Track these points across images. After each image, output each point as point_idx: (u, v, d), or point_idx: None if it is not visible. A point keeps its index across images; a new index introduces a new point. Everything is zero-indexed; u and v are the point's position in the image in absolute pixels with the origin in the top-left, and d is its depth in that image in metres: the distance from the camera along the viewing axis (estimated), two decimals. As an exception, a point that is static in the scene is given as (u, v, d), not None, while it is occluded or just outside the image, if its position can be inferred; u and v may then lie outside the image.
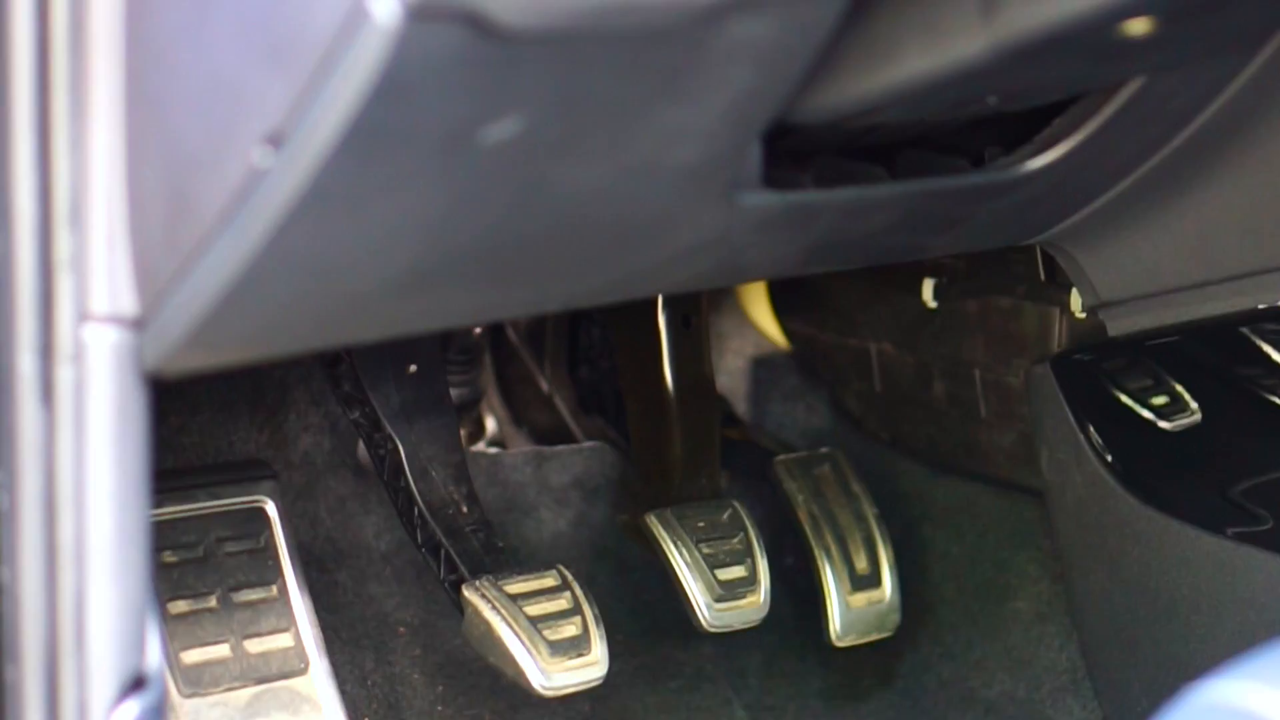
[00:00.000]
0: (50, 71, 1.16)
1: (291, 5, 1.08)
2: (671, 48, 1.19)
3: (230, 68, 1.11)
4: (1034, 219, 1.73)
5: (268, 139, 1.11)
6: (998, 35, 1.25)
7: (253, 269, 1.17)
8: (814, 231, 1.51)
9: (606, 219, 1.35)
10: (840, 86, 1.35)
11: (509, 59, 1.11)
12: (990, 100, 1.47)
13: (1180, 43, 1.41)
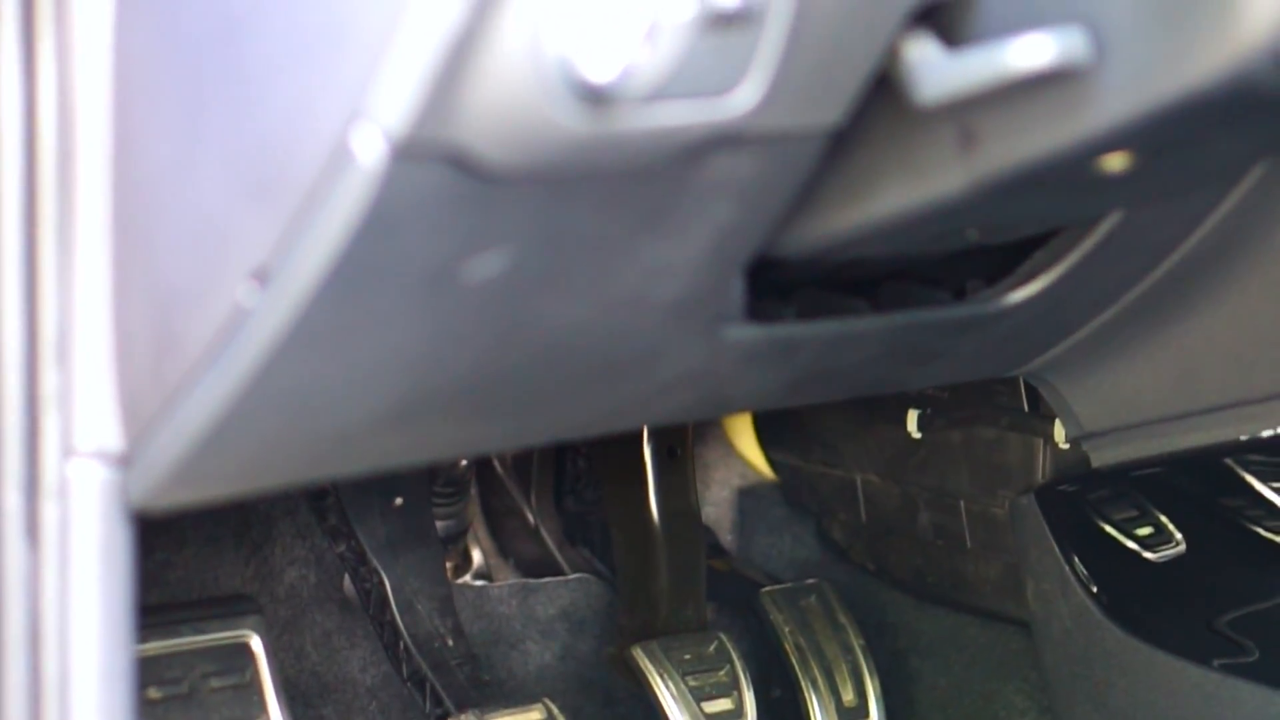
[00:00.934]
0: (38, 209, 1.17)
1: (277, 144, 1.09)
2: (654, 185, 1.20)
3: (216, 205, 1.12)
4: (1016, 351, 1.74)
5: (253, 276, 1.12)
6: (976, 171, 1.26)
7: (238, 405, 1.17)
8: (797, 364, 1.52)
9: (591, 353, 1.36)
10: (821, 221, 1.36)
11: (492, 197, 1.13)
12: (970, 234, 1.48)
13: (1158, 178, 1.42)
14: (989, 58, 1.20)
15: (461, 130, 1.06)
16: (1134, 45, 1.17)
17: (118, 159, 1.16)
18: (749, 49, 1.13)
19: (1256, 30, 1.12)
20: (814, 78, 1.19)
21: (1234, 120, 1.24)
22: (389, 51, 1.03)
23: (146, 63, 1.14)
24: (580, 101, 1.07)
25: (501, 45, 1.04)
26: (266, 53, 1.08)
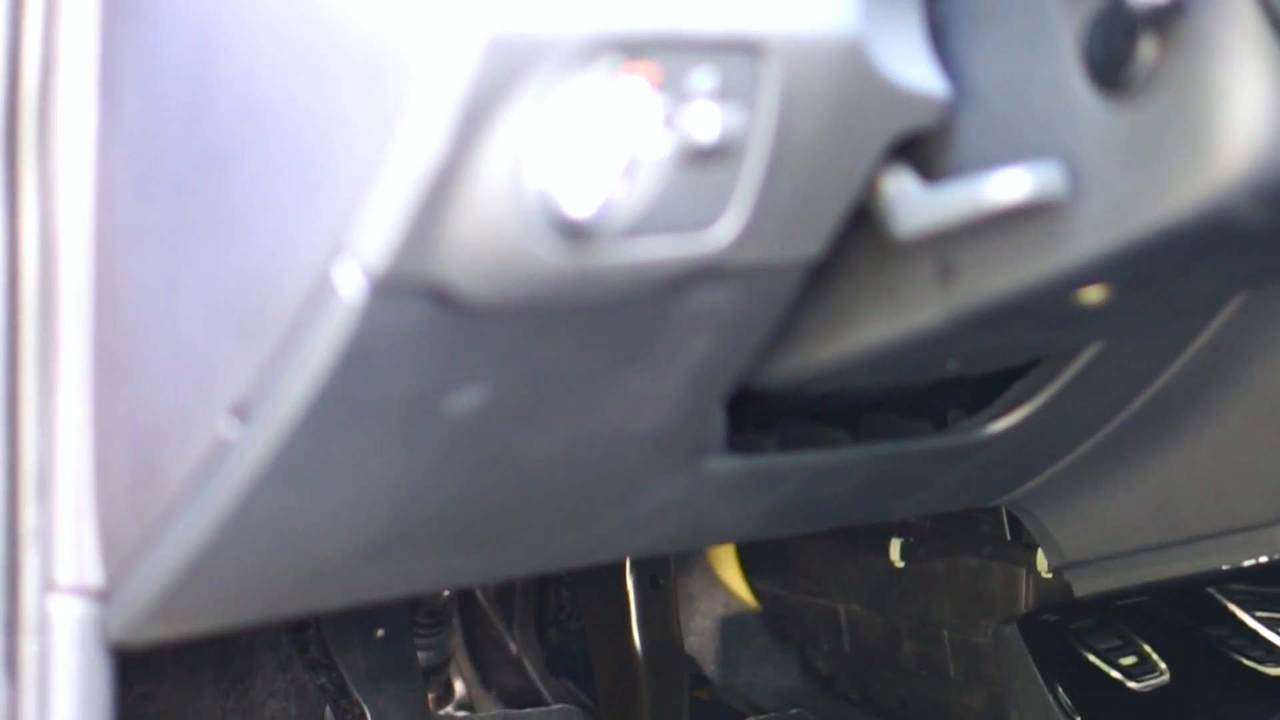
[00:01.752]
0: (19, 344, 1.17)
1: (259, 279, 1.09)
2: (633, 318, 1.20)
3: (198, 340, 1.13)
4: (997, 481, 1.74)
5: (234, 411, 1.12)
6: (954, 304, 1.27)
7: (219, 539, 1.17)
8: (778, 495, 1.52)
9: (571, 485, 1.36)
10: (801, 353, 1.36)
11: (473, 330, 1.13)
12: (950, 366, 1.48)
13: (1137, 310, 1.43)
14: (966, 192, 1.21)
15: (442, 265, 1.07)
16: (1110, 180, 1.18)
17: (100, 294, 1.16)
18: (727, 184, 1.14)
19: (1232, 165, 1.13)
20: (792, 212, 1.20)
21: (1211, 253, 1.25)
22: (370, 188, 1.03)
23: (128, 198, 1.14)
24: (560, 236, 1.07)
25: (482, 180, 1.04)
26: (248, 188, 1.09)
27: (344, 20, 1.04)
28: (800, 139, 1.16)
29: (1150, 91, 1.16)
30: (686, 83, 1.09)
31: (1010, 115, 1.23)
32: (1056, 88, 1.19)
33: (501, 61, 1.01)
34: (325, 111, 1.05)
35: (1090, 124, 1.18)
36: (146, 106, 1.13)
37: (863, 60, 1.18)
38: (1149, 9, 1.09)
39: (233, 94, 1.09)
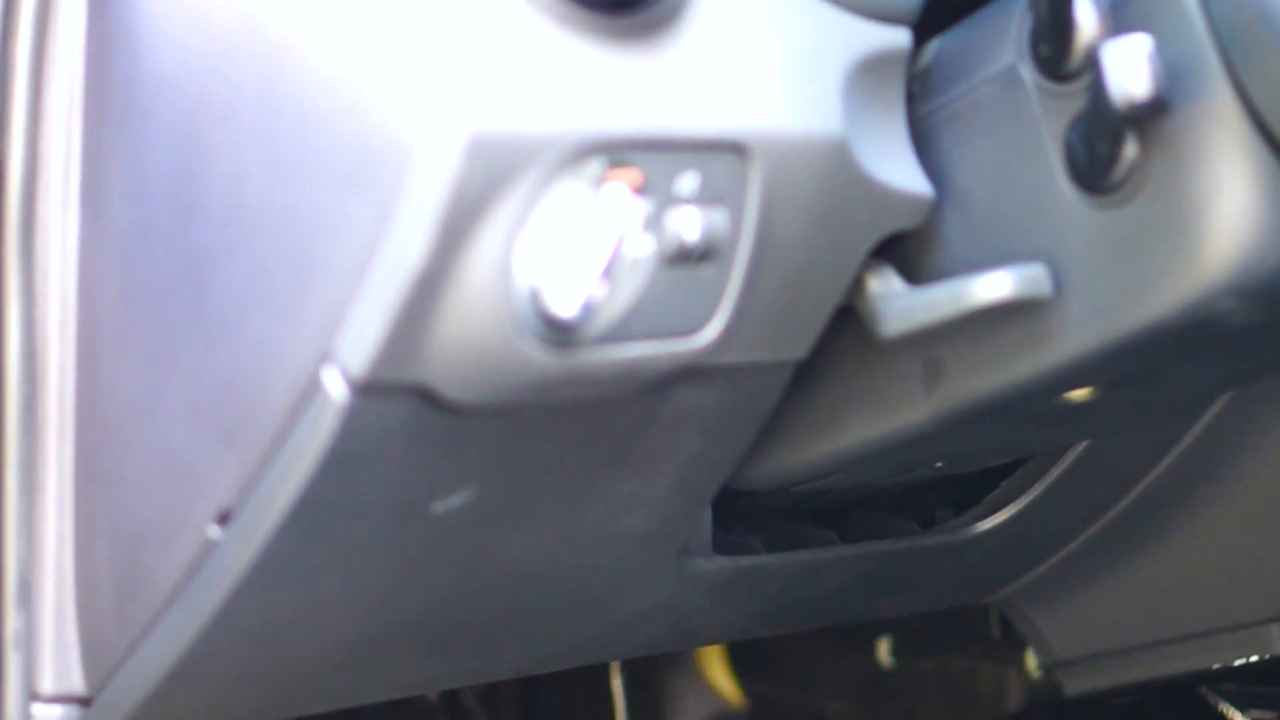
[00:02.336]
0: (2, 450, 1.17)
1: (243, 383, 1.09)
2: (619, 418, 1.20)
3: (182, 444, 1.12)
4: (985, 579, 1.73)
5: (219, 515, 1.11)
6: (940, 404, 1.27)
7: (202, 642, 1.16)
8: (766, 595, 1.51)
9: (557, 586, 1.35)
10: (788, 453, 1.36)
11: (458, 430, 1.13)
12: (937, 464, 1.48)
13: (1124, 409, 1.43)
14: (951, 293, 1.21)
15: (428, 367, 1.07)
16: (1095, 279, 1.18)
17: (83, 398, 1.16)
18: (711, 285, 1.14)
19: (1217, 264, 1.14)
20: (778, 313, 1.20)
21: (1197, 353, 1.25)
22: (357, 292, 1.03)
23: (113, 302, 1.14)
24: (545, 336, 1.07)
25: (467, 282, 1.04)
26: (234, 291, 1.09)
27: (331, 123, 1.04)
28: (785, 240, 1.16)
29: (1134, 191, 1.16)
30: (669, 186, 1.10)
31: (994, 215, 1.23)
32: (1039, 188, 1.20)
33: (488, 165, 1.01)
34: (312, 214, 1.05)
35: (1074, 224, 1.19)
36: (131, 210, 1.13)
37: (847, 161, 1.18)
38: (1131, 108, 1.09)
39: (218, 197, 1.09)
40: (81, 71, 1.14)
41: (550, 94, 1.04)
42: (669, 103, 1.09)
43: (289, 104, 1.05)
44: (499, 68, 1.02)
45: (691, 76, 1.11)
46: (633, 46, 1.09)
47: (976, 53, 1.24)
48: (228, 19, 1.07)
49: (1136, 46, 1.09)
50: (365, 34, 1.02)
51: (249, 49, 1.06)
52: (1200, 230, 1.13)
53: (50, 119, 1.15)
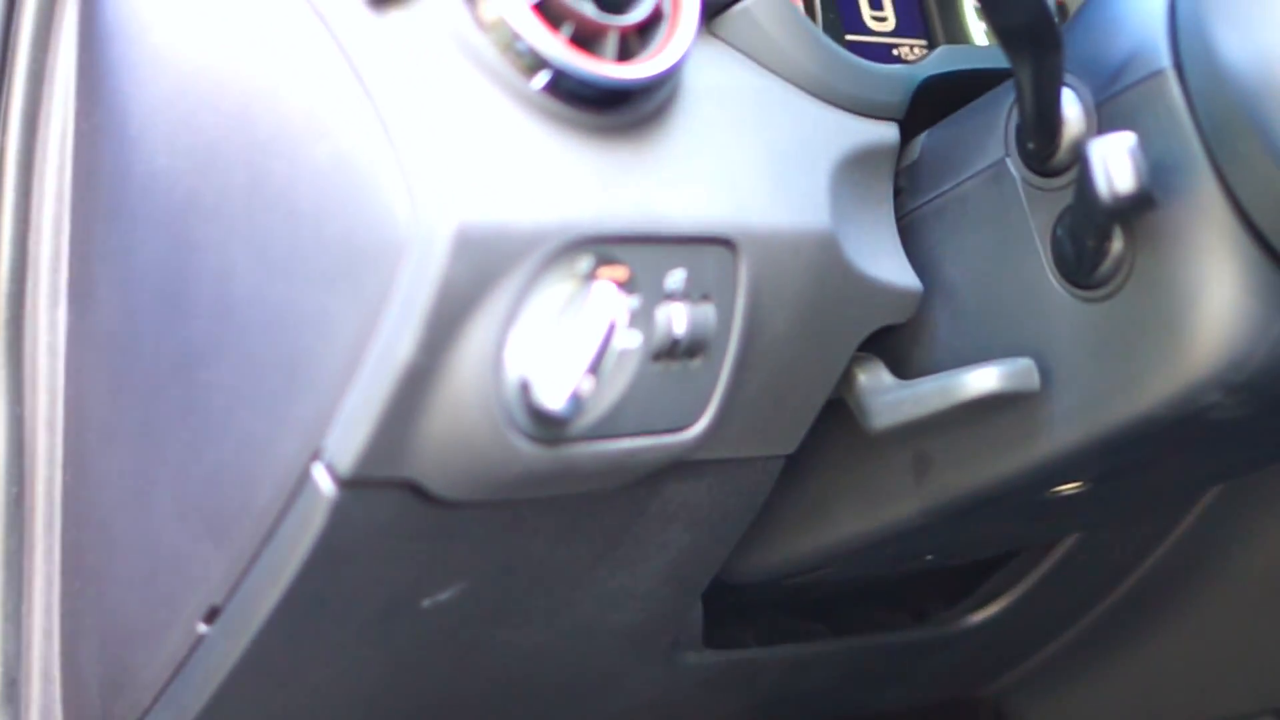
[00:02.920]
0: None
1: (232, 480, 1.09)
2: (609, 511, 1.20)
3: (170, 540, 1.12)
4: (978, 672, 1.73)
5: (207, 612, 1.11)
6: (930, 497, 1.27)
7: (189, 739, 1.16)
8: (757, 689, 1.51)
9: (547, 680, 1.35)
10: (778, 546, 1.36)
11: (447, 523, 1.13)
12: (928, 557, 1.48)
13: (1113, 502, 1.43)
14: (940, 387, 1.22)
15: (417, 462, 1.07)
16: (1083, 374, 1.19)
17: (70, 495, 1.16)
18: (699, 379, 1.14)
19: (1204, 359, 1.14)
20: (767, 407, 1.20)
21: (1186, 446, 1.25)
22: (347, 389, 1.03)
23: (101, 398, 1.15)
24: (533, 430, 1.07)
25: (456, 377, 1.04)
26: (223, 388, 1.09)
27: (320, 220, 1.04)
28: (774, 335, 1.17)
29: (1121, 285, 1.16)
30: (657, 281, 1.10)
31: (982, 309, 1.23)
32: (1027, 282, 1.20)
33: (476, 261, 1.02)
34: (301, 310, 1.05)
35: (1062, 318, 1.19)
36: (120, 306, 1.13)
37: (835, 255, 1.18)
38: (1117, 204, 1.10)
39: (207, 293, 1.09)
40: (70, 169, 1.14)
41: (538, 190, 1.04)
42: (657, 198, 1.09)
43: (278, 201, 1.05)
44: (487, 164, 1.03)
45: (679, 172, 1.11)
46: (620, 142, 1.09)
47: (964, 147, 1.25)
48: (218, 116, 1.07)
49: (1122, 143, 1.09)
50: (355, 130, 1.03)
51: (239, 146, 1.06)
52: (1187, 325, 1.14)
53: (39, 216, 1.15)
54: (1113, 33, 1.18)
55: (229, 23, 1.07)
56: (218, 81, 1.07)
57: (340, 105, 1.03)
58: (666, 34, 1.11)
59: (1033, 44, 1.12)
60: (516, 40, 1.04)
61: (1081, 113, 1.17)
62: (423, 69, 1.03)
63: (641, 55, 1.09)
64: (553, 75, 1.05)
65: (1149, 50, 1.15)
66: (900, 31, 1.47)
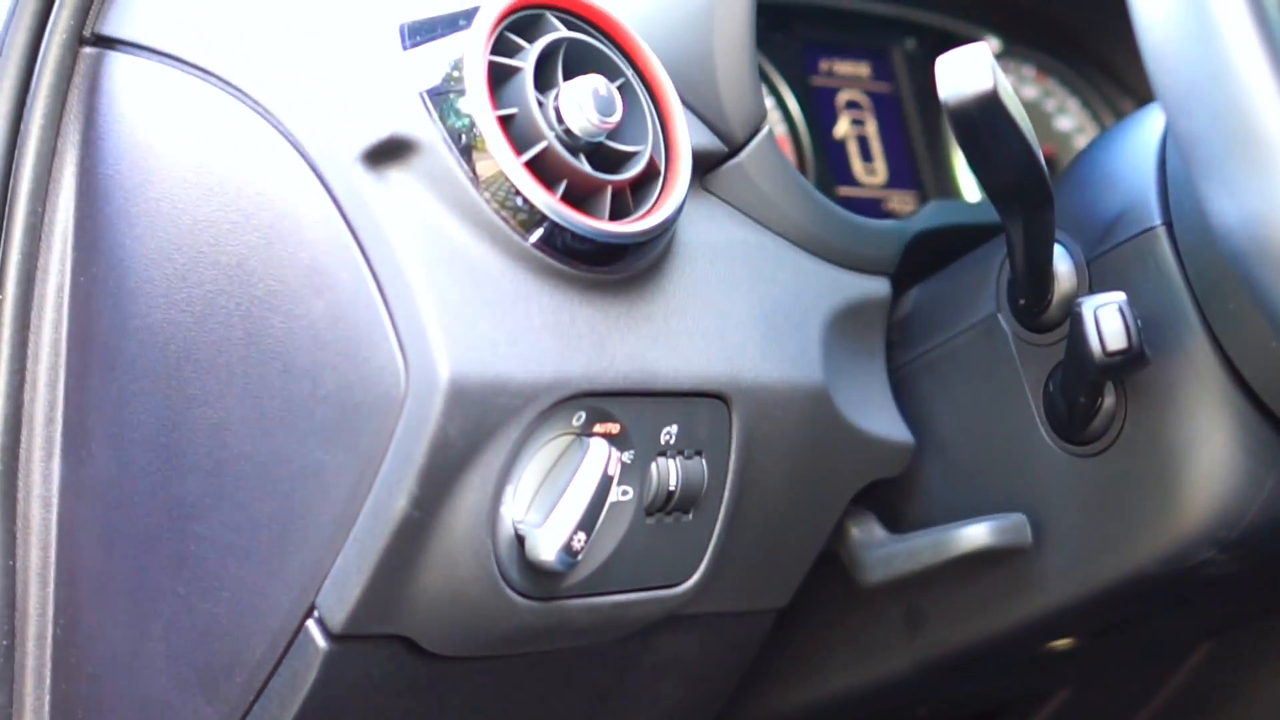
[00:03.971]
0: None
1: (225, 632, 1.09)
2: (601, 663, 1.20)
3: (161, 695, 1.12)
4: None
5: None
6: (922, 652, 1.27)
7: None
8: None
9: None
10: (769, 700, 1.36)
11: (440, 678, 1.12)
12: (920, 711, 1.48)
13: (1104, 657, 1.43)
14: (932, 542, 1.22)
15: (410, 617, 1.06)
16: (1075, 530, 1.19)
17: (61, 647, 1.15)
18: (692, 534, 1.14)
19: (1196, 516, 1.14)
20: (759, 561, 1.20)
21: (1178, 602, 1.25)
22: (340, 544, 1.03)
23: (94, 549, 1.14)
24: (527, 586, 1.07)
25: (449, 531, 1.04)
26: (217, 541, 1.09)
27: (315, 374, 1.04)
28: (766, 489, 1.17)
29: (1113, 442, 1.17)
30: (650, 436, 1.10)
31: (974, 463, 1.24)
32: (1019, 437, 1.21)
33: (470, 417, 1.02)
34: (295, 465, 1.05)
35: (1054, 473, 1.19)
36: (114, 459, 1.13)
37: (828, 409, 1.19)
38: (1109, 361, 1.10)
39: (202, 447, 1.09)
40: (67, 321, 1.15)
41: (532, 345, 1.05)
42: (650, 353, 1.10)
43: (274, 356, 1.06)
44: (481, 319, 1.03)
45: (673, 327, 1.12)
46: (615, 297, 1.10)
47: (956, 302, 1.26)
48: (216, 271, 1.08)
49: (1113, 301, 1.10)
50: (351, 286, 1.03)
51: (236, 301, 1.07)
52: (1180, 481, 1.14)
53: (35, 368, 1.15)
54: (1104, 189, 1.19)
55: (227, 178, 1.08)
56: (215, 236, 1.08)
57: (336, 261, 1.04)
58: (660, 190, 1.12)
59: (1023, 201, 1.13)
60: (512, 196, 1.05)
61: (1073, 269, 1.18)
62: (418, 225, 1.04)
63: (636, 211, 1.10)
64: (548, 231, 1.06)
65: (1140, 207, 1.16)
66: (891, 184, 1.49)
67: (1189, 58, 0.90)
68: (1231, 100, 0.88)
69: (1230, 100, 0.88)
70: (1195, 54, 0.89)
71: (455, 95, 1.06)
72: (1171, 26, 0.90)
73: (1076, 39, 1.60)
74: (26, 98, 1.15)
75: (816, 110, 1.47)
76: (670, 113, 1.14)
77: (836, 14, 1.52)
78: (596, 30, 1.14)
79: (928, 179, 1.51)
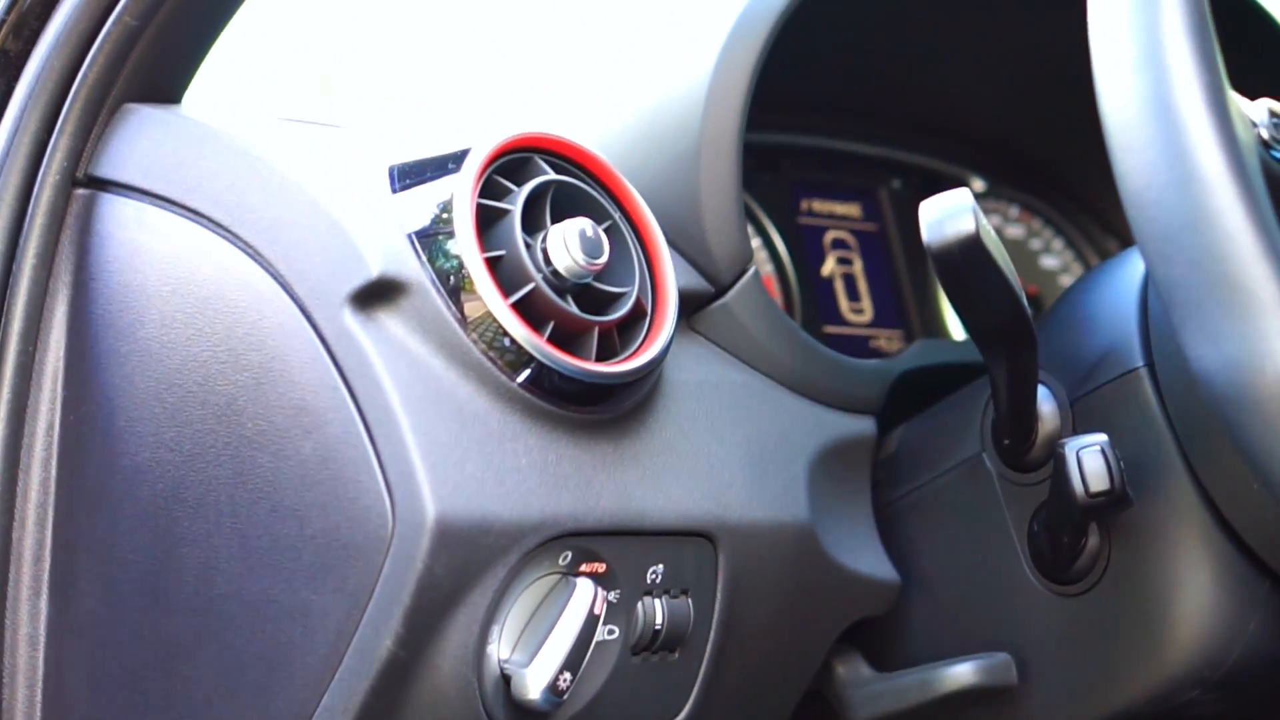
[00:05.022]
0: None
1: None
2: None
3: None
4: None
5: None
6: None
7: None
8: None
9: None
10: None
11: None
12: None
13: None
14: (918, 681, 1.22)
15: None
16: (1060, 669, 1.19)
17: None
18: (678, 673, 1.14)
19: (1181, 656, 1.14)
20: (744, 699, 1.20)
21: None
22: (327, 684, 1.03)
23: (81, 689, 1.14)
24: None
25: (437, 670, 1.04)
26: (203, 681, 1.09)
27: (303, 515, 1.05)
28: (752, 628, 1.17)
29: (1097, 582, 1.17)
30: (636, 575, 1.11)
31: (959, 602, 1.24)
32: (1004, 576, 1.21)
33: (456, 556, 1.02)
34: (283, 605, 1.05)
35: (1039, 612, 1.19)
36: (102, 597, 1.13)
37: (813, 548, 1.19)
38: (1092, 502, 1.11)
39: (190, 586, 1.09)
40: (56, 460, 1.15)
41: (518, 485, 1.05)
42: (636, 493, 1.10)
43: (263, 496, 1.06)
44: (468, 460, 1.04)
45: (659, 466, 1.12)
46: (601, 437, 1.10)
47: (941, 441, 1.26)
48: (205, 411, 1.08)
49: (1095, 443, 1.11)
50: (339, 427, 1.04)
51: (225, 441, 1.07)
52: (1164, 622, 1.14)
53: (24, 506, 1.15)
54: (1086, 331, 1.20)
55: (217, 318, 1.09)
56: (205, 376, 1.09)
57: (325, 401, 1.04)
58: (647, 330, 1.12)
59: (1006, 343, 1.14)
60: (499, 337, 1.06)
61: (1056, 410, 1.19)
62: (406, 365, 1.05)
63: (623, 351, 1.11)
64: (535, 371, 1.07)
65: (1123, 349, 1.17)
66: (878, 323, 1.50)
67: (1168, 205, 0.91)
68: (1210, 248, 0.89)
69: (1209, 248, 0.89)
70: (1174, 202, 0.90)
71: (444, 237, 1.07)
72: (1151, 174, 0.92)
73: (1060, 180, 1.62)
74: (19, 238, 1.16)
75: (804, 249, 1.48)
76: (657, 254, 1.15)
77: (823, 154, 1.53)
78: (584, 172, 1.15)
79: (914, 317, 1.52)
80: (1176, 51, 0.93)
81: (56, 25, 1.13)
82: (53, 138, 1.15)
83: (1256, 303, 0.88)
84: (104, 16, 1.13)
